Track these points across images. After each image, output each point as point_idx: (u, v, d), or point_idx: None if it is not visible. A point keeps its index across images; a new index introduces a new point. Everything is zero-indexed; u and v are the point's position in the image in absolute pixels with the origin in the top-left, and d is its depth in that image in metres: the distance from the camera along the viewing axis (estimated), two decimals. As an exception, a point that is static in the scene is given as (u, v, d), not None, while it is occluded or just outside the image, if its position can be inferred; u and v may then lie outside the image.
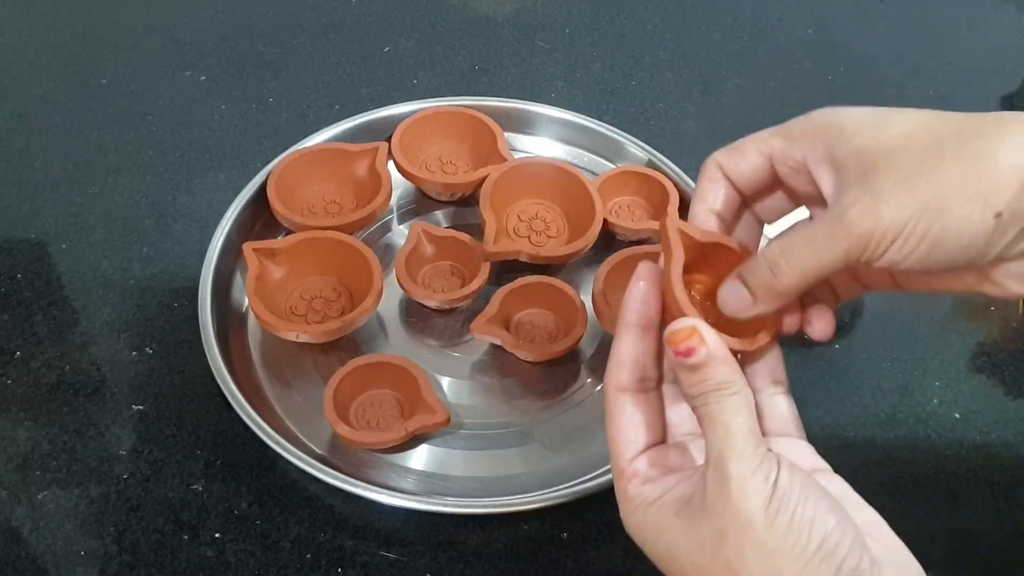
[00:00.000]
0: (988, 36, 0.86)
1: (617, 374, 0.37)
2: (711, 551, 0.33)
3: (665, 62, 0.79)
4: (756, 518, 0.32)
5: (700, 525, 0.34)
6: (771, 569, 0.32)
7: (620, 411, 0.37)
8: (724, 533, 0.33)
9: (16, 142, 0.69)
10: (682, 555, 0.34)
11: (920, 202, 0.32)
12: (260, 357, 0.57)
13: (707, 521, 0.33)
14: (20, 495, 0.50)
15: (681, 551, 0.34)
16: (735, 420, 0.34)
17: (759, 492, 0.32)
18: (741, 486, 0.33)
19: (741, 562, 0.32)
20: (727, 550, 0.32)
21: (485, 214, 0.59)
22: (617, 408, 0.37)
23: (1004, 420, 0.57)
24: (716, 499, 0.33)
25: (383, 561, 0.49)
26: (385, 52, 0.78)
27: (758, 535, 0.32)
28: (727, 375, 0.35)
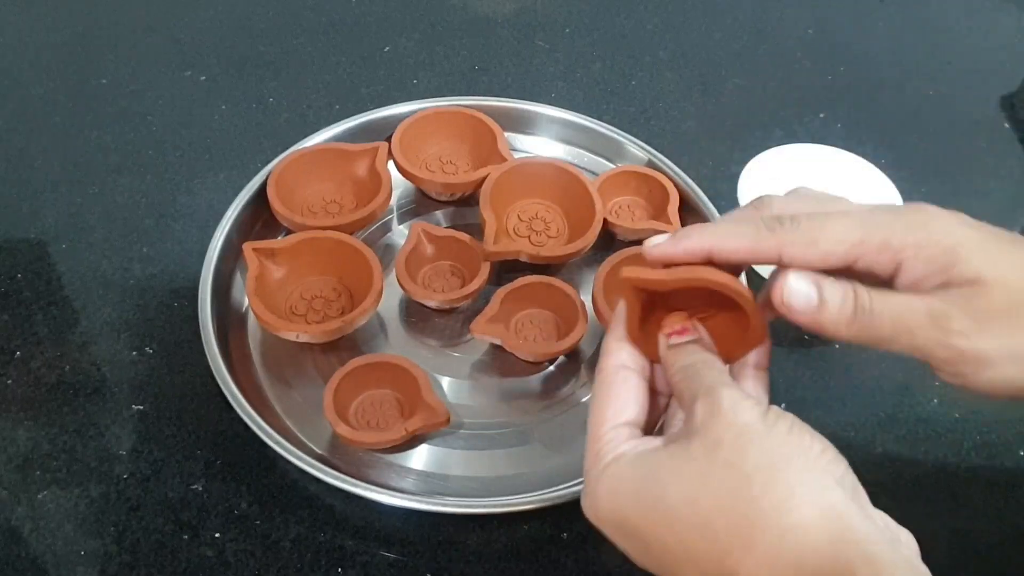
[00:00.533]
0: (988, 36, 0.86)
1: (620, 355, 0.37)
2: (704, 459, 0.32)
3: (665, 62, 0.79)
4: (754, 424, 0.32)
5: (688, 443, 0.32)
6: (776, 461, 0.31)
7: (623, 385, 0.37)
8: (719, 440, 0.32)
9: (16, 142, 0.69)
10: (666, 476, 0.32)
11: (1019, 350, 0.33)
12: (260, 357, 0.57)
13: (696, 439, 0.32)
14: (20, 495, 0.51)
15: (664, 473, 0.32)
16: (720, 376, 0.35)
17: (754, 409, 0.32)
18: (734, 407, 0.32)
19: (742, 458, 0.31)
20: (724, 452, 0.31)
21: (485, 214, 0.59)
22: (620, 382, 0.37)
23: (1004, 420, 0.57)
24: (706, 419, 0.32)
25: (383, 561, 0.49)
26: (385, 52, 0.78)
27: (758, 435, 0.32)
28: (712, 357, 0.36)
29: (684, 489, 0.32)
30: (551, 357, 0.57)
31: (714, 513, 0.31)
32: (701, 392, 0.34)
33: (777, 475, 0.31)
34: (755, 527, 0.30)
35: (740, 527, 0.30)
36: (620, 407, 0.36)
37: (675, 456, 0.33)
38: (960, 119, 0.77)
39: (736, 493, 0.31)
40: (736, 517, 0.31)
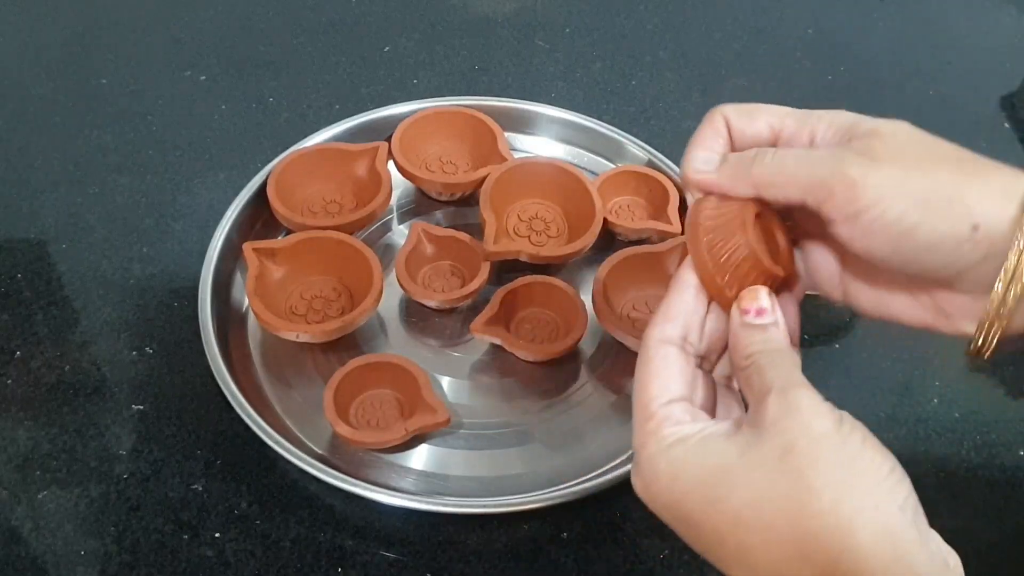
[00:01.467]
0: (988, 36, 0.86)
1: (663, 327, 0.36)
2: (775, 463, 0.31)
3: (665, 62, 0.79)
4: (829, 434, 0.31)
5: (760, 442, 0.32)
6: (847, 478, 0.31)
7: (662, 360, 0.36)
8: (791, 445, 0.31)
9: (16, 142, 0.69)
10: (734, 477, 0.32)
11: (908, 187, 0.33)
12: (260, 357, 0.57)
13: (768, 439, 0.32)
14: (20, 495, 0.51)
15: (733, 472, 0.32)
16: (796, 372, 0.34)
17: (829, 415, 0.32)
18: (813, 408, 0.32)
19: (814, 470, 0.31)
20: (796, 460, 0.31)
21: (485, 214, 0.59)
22: (659, 356, 0.36)
23: (1004, 420, 0.57)
24: (780, 419, 0.32)
25: (383, 561, 0.49)
26: (385, 52, 0.78)
27: (832, 447, 0.31)
28: (786, 343, 0.36)
29: (751, 492, 0.32)
30: (551, 357, 0.57)
31: (778, 521, 0.31)
32: (776, 387, 0.33)
33: (845, 492, 0.31)
34: (816, 542, 0.30)
35: (802, 540, 0.31)
36: (664, 383, 0.35)
37: (745, 455, 0.32)
38: (960, 119, 0.77)
39: (802, 506, 0.31)
40: (799, 529, 0.31)
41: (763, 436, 0.32)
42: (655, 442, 0.34)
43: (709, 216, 0.37)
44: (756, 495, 0.31)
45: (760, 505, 0.31)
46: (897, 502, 0.31)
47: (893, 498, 0.31)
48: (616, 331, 0.55)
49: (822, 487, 0.31)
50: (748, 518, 0.31)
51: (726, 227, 0.36)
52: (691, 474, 0.33)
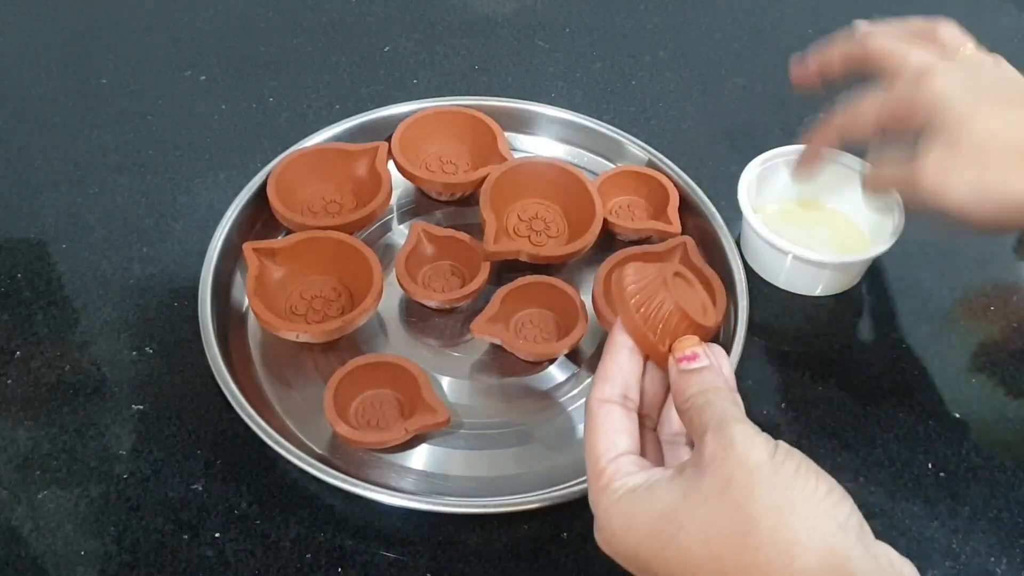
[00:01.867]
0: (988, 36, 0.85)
1: (602, 387, 0.38)
2: (715, 498, 0.32)
3: (665, 62, 0.79)
4: (763, 464, 0.32)
5: (700, 481, 0.33)
6: (783, 504, 0.32)
7: (604, 418, 0.38)
8: (729, 479, 0.32)
9: (16, 142, 0.69)
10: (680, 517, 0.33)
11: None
12: (260, 357, 0.57)
13: (707, 475, 0.33)
14: (20, 495, 0.51)
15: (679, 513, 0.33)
16: (732, 408, 0.35)
17: (764, 447, 0.33)
18: (746, 441, 0.33)
19: (751, 500, 0.32)
20: (734, 493, 0.32)
21: (485, 214, 0.59)
22: (600, 415, 0.38)
23: (1004, 420, 0.57)
24: (718, 455, 0.33)
25: (383, 561, 0.49)
26: (385, 52, 0.78)
27: (767, 476, 0.32)
28: (723, 383, 0.37)
29: (697, 530, 0.33)
30: (551, 357, 0.57)
31: (724, 555, 0.32)
32: (712, 425, 0.34)
33: (782, 519, 0.31)
34: (761, 572, 0.31)
35: (748, 570, 0.31)
36: (611, 441, 0.37)
37: (688, 495, 0.33)
38: (960, 119, 0.76)
39: (744, 537, 0.32)
40: (745, 561, 0.31)
41: (703, 473, 0.33)
42: (607, 496, 0.36)
43: (632, 280, 0.39)
44: (701, 532, 0.32)
45: (706, 541, 0.32)
46: (838, 521, 0.32)
47: (833, 518, 0.32)
48: None
49: (760, 516, 0.31)
50: (696, 555, 0.33)
51: (649, 287, 0.39)
52: (642, 521, 0.34)
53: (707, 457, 0.33)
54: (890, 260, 0.63)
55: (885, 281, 0.63)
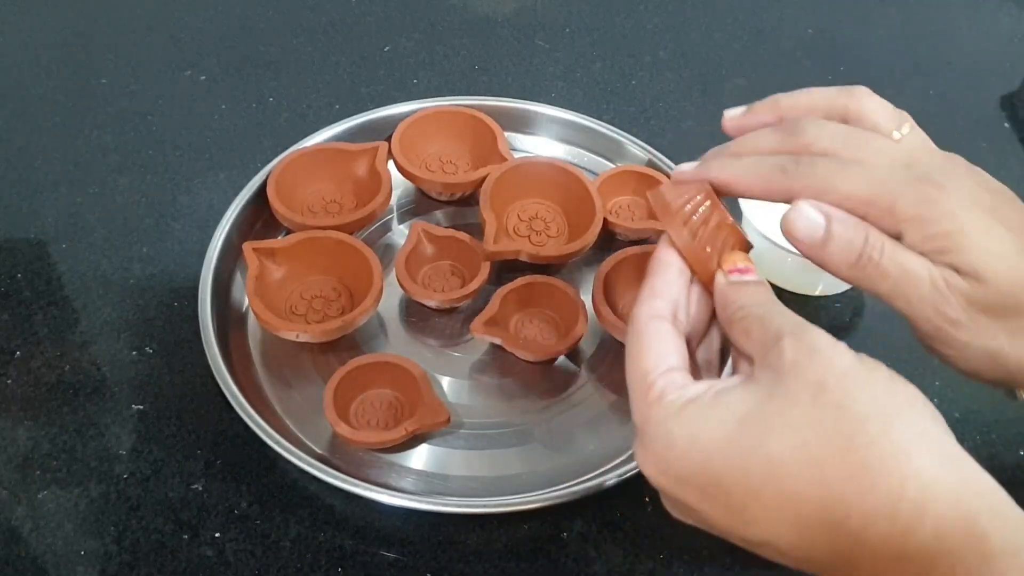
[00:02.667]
0: (988, 36, 0.86)
1: (651, 303, 0.36)
2: (808, 403, 0.30)
3: (665, 62, 0.79)
4: (855, 368, 0.31)
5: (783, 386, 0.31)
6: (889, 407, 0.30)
7: (655, 333, 0.35)
8: (822, 383, 0.30)
9: (16, 142, 0.69)
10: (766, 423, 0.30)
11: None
12: (260, 357, 0.57)
13: (792, 380, 0.31)
14: (20, 495, 0.50)
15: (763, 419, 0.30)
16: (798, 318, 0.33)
17: (849, 352, 0.31)
18: (832, 346, 0.31)
19: (853, 401, 0.30)
20: (831, 395, 0.30)
21: (485, 214, 0.59)
22: (651, 330, 0.35)
23: (1004, 420, 0.57)
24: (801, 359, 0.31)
25: (383, 561, 0.49)
26: (385, 52, 0.78)
27: (863, 380, 0.31)
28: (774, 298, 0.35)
29: (792, 433, 0.30)
30: (551, 357, 0.57)
31: (827, 459, 0.29)
32: (788, 329, 0.32)
33: (894, 421, 0.30)
34: (874, 472, 0.29)
35: (857, 472, 0.29)
36: (661, 354, 0.34)
37: (771, 401, 0.31)
38: (960, 119, 0.77)
39: (852, 438, 0.29)
40: (853, 462, 0.29)
41: (786, 379, 0.31)
42: (661, 408, 0.32)
43: (678, 196, 0.38)
44: (797, 435, 0.30)
45: (804, 445, 0.30)
46: (943, 427, 0.31)
47: (938, 423, 0.31)
48: (616, 331, 0.55)
49: (866, 416, 0.29)
50: (790, 460, 0.30)
51: (695, 203, 0.38)
52: (713, 430, 0.31)
53: (788, 362, 0.31)
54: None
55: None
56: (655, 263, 0.37)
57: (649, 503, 0.52)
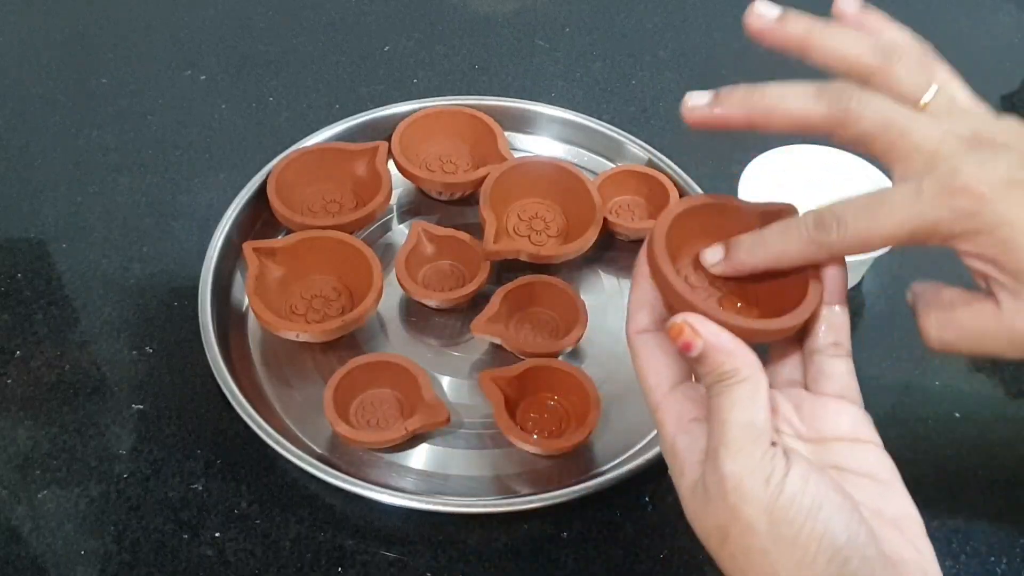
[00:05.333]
0: (988, 36, 0.86)
1: (636, 318, 0.37)
2: (717, 544, 0.33)
3: (665, 61, 0.79)
4: (758, 524, 0.31)
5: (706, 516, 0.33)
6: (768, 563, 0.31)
7: (644, 349, 0.36)
8: (726, 532, 0.32)
9: (16, 142, 0.69)
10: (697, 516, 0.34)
11: None
12: (260, 357, 0.57)
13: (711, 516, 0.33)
14: (20, 495, 0.50)
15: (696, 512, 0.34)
16: (731, 414, 0.33)
17: (758, 496, 0.31)
18: (737, 488, 0.32)
19: (747, 562, 0.32)
20: (731, 547, 0.32)
21: (485, 213, 0.59)
22: (641, 347, 0.36)
23: (1004, 420, 0.57)
24: (716, 496, 0.32)
25: (383, 560, 0.49)
26: (385, 51, 0.78)
27: (760, 541, 0.31)
28: (727, 364, 0.33)
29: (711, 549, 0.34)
30: (551, 357, 0.56)
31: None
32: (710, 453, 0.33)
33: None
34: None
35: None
36: (659, 371, 0.36)
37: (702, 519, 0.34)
38: (960, 119, 0.76)
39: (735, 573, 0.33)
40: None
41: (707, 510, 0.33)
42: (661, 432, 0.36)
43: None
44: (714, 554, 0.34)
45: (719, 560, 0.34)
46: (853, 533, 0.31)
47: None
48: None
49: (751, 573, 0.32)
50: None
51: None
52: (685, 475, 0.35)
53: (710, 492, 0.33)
54: (890, 260, 0.63)
55: (885, 281, 0.63)
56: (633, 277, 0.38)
57: (649, 503, 0.52)
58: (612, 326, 0.59)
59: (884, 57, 0.37)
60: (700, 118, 0.38)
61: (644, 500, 0.52)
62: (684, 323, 0.34)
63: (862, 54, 0.38)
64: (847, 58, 0.38)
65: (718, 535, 0.33)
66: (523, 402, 0.55)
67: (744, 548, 0.32)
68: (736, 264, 0.37)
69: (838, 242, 0.34)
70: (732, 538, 0.32)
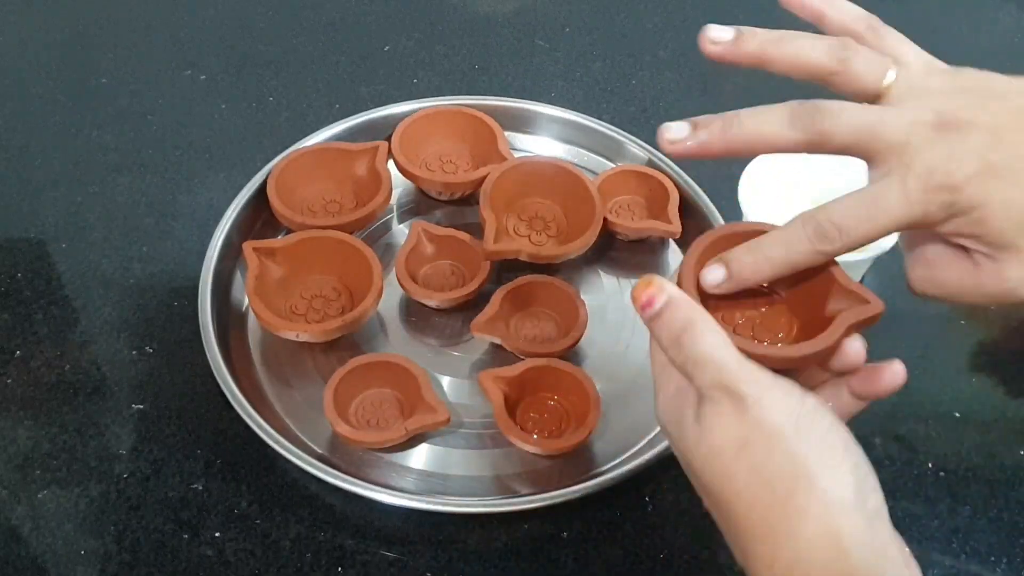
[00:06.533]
0: (988, 36, 0.86)
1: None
2: (731, 456, 0.33)
3: (665, 61, 0.79)
4: (784, 428, 0.32)
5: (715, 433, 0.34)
6: (802, 473, 0.32)
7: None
8: (746, 441, 0.33)
9: (16, 141, 0.69)
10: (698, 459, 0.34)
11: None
12: (260, 357, 0.57)
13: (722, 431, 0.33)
14: (20, 494, 0.51)
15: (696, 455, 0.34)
16: (719, 352, 0.34)
17: (783, 407, 0.33)
18: (759, 403, 0.33)
19: (767, 466, 0.32)
20: (749, 455, 0.33)
21: (485, 213, 0.59)
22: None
23: (1004, 420, 0.57)
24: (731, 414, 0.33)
25: (383, 560, 0.49)
26: (385, 51, 0.78)
27: (787, 443, 0.32)
28: (692, 313, 0.35)
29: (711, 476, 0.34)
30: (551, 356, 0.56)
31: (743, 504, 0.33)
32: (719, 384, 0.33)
33: (798, 485, 0.32)
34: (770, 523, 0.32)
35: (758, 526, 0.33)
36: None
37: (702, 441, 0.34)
38: (960, 119, 0.76)
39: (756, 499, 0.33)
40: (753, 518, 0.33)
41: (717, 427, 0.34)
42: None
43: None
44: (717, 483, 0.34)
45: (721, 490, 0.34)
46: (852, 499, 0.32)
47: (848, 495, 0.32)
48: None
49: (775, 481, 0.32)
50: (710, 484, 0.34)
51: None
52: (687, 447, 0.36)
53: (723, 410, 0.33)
54: (890, 260, 0.63)
55: (885, 281, 0.63)
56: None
57: (649, 503, 0.52)
58: (612, 326, 0.59)
59: (840, 56, 0.40)
60: (681, 151, 0.40)
61: (644, 500, 0.52)
62: (652, 279, 0.36)
63: (819, 58, 0.40)
64: (806, 65, 0.41)
65: (735, 447, 0.33)
66: (523, 402, 0.54)
67: (767, 451, 0.32)
68: (737, 282, 0.37)
69: (841, 249, 0.36)
70: (753, 445, 0.33)
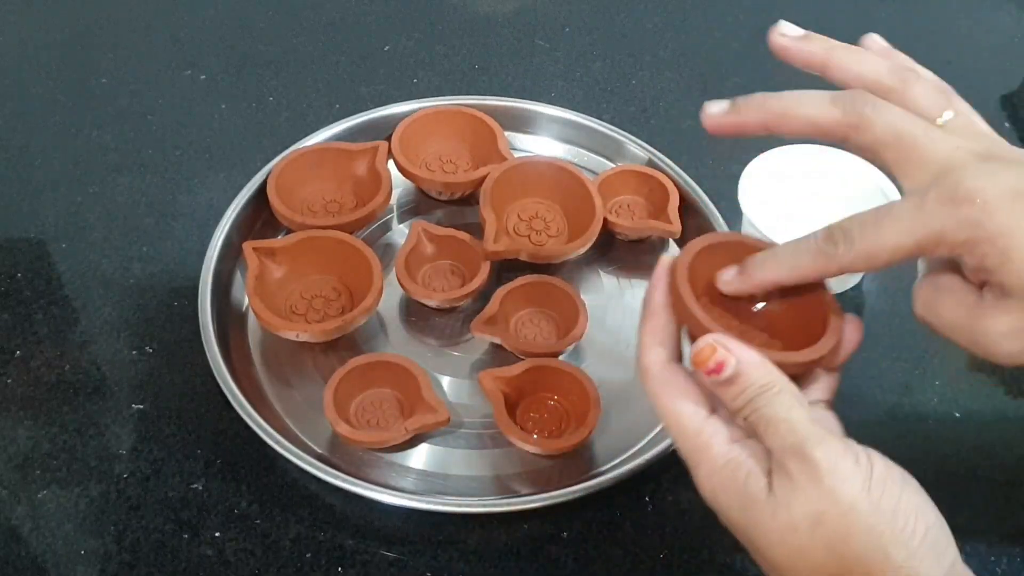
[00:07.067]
0: (988, 36, 0.86)
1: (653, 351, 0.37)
2: (807, 532, 0.32)
3: (665, 61, 0.79)
4: (859, 502, 0.32)
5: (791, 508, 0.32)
6: (879, 552, 0.31)
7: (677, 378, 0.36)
8: (821, 516, 0.32)
9: (16, 142, 0.69)
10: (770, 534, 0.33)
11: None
12: (260, 357, 0.57)
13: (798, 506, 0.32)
14: (20, 494, 0.51)
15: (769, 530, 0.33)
16: (793, 413, 0.33)
17: (856, 476, 0.32)
18: (833, 471, 0.32)
19: (845, 544, 0.31)
20: (825, 531, 0.32)
21: (485, 213, 0.59)
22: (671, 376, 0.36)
23: (1004, 420, 0.57)
24: (805, 484, 0.32)
25: (383, 560, 0.49)
26: (385, 51, 0.78)
27: (863, 518, 0.31)
28: (766, 376, 0.34)
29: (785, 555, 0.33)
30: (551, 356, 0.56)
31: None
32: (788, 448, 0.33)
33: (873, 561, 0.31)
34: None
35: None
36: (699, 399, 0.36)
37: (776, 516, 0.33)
38: (960, 119, 0.76)
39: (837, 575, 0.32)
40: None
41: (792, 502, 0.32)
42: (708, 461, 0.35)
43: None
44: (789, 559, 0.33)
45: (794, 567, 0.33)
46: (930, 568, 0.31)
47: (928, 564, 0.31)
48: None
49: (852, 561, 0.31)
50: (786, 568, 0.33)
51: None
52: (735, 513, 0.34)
53: (796, 481, 0.32)
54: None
55: (885, 281, 0.63)
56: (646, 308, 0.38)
57: (649, 503, 0.52)
58: (612, 326, 0.59)
59: (902, 78, 0.38)
60: (718, 124, 0.38)
61: (644, 500, 0.52)
62: (715, 343, 0.34)
63: (881, 74, 0.38)
64: (866, 76, 0.38)
65: (810, 522, 0.32)
66: (523, 402, 0.54)
67: (844, 528, 0.32)
68: (750, 280, 0.37)
69: (846, 254, 0.35)
70: (829, 521, 0.32)
